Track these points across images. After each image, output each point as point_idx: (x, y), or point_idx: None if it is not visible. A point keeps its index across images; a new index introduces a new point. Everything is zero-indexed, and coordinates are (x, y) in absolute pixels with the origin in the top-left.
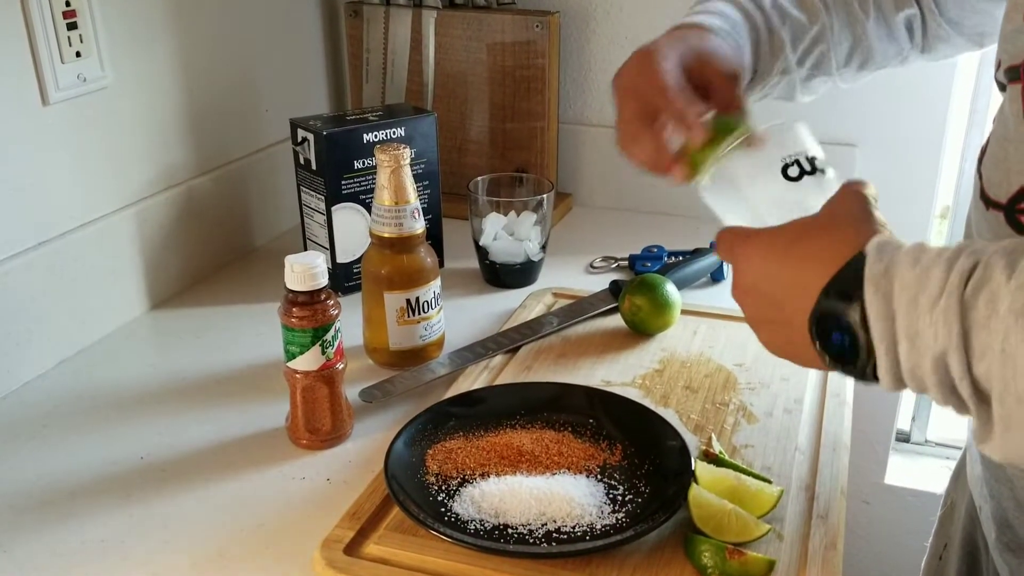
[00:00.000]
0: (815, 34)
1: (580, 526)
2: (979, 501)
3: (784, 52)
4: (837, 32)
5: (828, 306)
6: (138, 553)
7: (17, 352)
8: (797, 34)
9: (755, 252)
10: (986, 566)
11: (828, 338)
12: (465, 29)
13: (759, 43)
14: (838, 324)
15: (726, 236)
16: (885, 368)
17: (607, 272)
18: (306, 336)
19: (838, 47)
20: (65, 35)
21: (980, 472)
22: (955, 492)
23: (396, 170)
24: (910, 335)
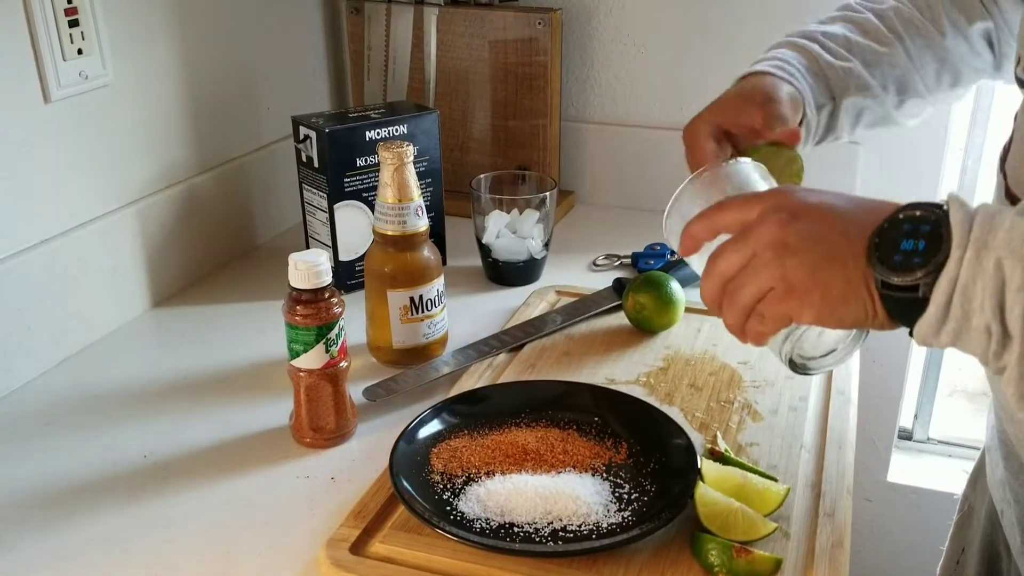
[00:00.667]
0: (889, 58)
1: (586, 525)
2: (1000, 505)
3: (855, 71)
4: (917, 56)
5: (908, 212)
6: (142, 552)
7: (19, 350)
8: (869, 59)
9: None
10: (1008, 571)
11: (893, 250)
12: (467, 26)
13: (823, 68)
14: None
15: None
16: (949, 277)
17: (610, 270)
18: (310, 334)
19: (923, 70)
20: (67, 32)
21: (1002, 476)
22: (973, 496)
23: (399, 168)
24: (978, 245)
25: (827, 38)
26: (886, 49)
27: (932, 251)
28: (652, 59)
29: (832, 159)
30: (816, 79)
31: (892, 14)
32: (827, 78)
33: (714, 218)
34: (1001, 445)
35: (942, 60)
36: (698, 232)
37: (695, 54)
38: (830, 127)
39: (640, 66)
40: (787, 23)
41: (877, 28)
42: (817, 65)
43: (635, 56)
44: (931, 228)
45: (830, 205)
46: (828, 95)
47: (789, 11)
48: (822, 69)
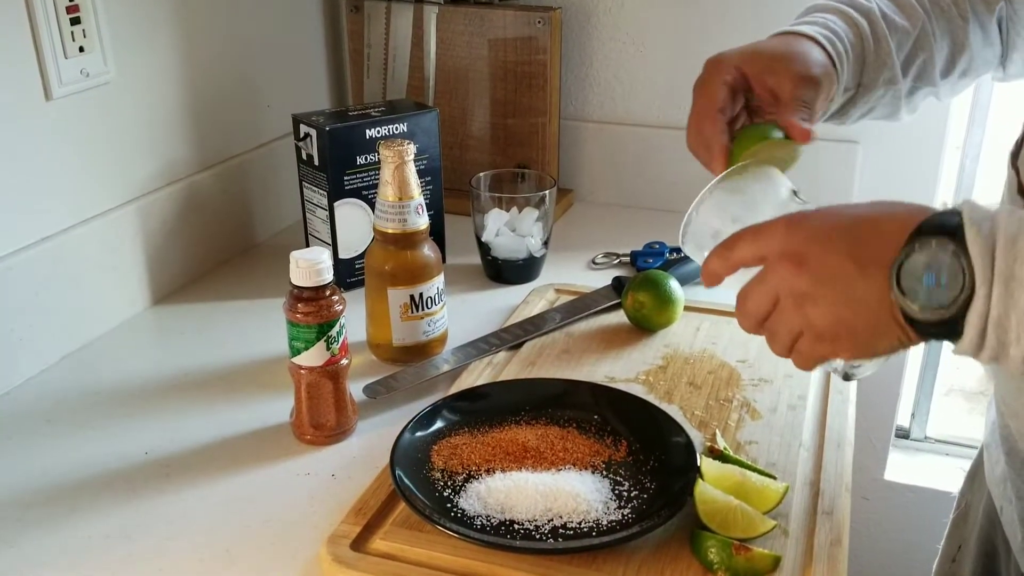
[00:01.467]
0: (916, 40)
1: (586, 522)
2: (1000, 502)
3: (891, 61)
4: (939, 38)
5: (923, 244)
6: (143, 549)
7: (20, 347)
8: (901, 42)
9: (809, 219)
10: (1006, 569)
11: (916, 281)
12: (467, 25)
13: (865, 53)
14: (933, 263)
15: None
16: (978, 313)
17: (609, 268)
18: (311, 332)
19: (939, 54)
20: (68, 30)
21: (1002, 473)
22: (970, 494)
23: (400, 166)
24: (1005, 277)
25: (877, 16)
26: (916, 32)
27: (954, 285)
28: (651, 58)
29: (830, 159)
30: (855, 62)
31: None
32: (864, 63)
33: (730, 257)
34: (1003, 441)
35: (960, 45)
36: (718, 270)
37: (694, 53)
38: (841, 112)
39: (639, 65)
40: (784, 21)
41: (910, 5)
42: (862, 47)
43: (634, 55)
44: (949, 260)
45: (837, 237)
46: (857, 80)
47: (786, 10)
48: (864, 53)
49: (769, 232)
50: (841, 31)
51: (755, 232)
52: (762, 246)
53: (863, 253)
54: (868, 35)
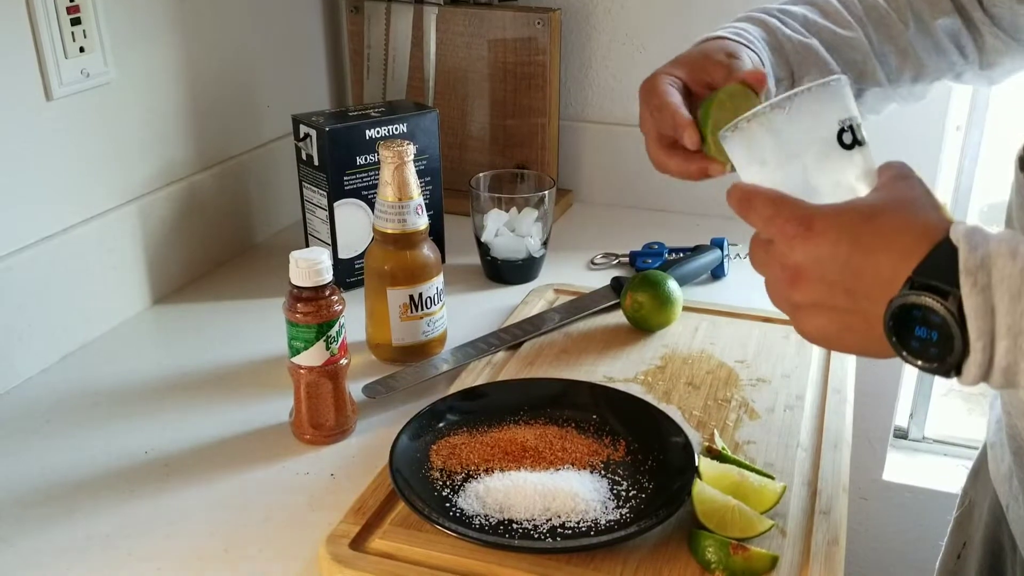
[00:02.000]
0: (850, 42)
1: (584, 521)
2: (1006, 499)
3: (815, 50)
4: (878, 44)
5: (914, 299)
6: (143, 548)
7: (20, 347)
8: (828, 40)
9: (817, 237)
10: (1012, 566)
11: (909, 332)
12: (467, 25)
13: (780, 43)
14: (926, 320)
15: (764, 207)
16: (977, 364)
17: (608, 268)
18: (310, 332)
19: (884, 59)
20: (69, 30)
21: (1008, 470)
22: (974, 491)
23: (400, 166)
24: (1013, 332)
25: (785, 15)
26: (847, 32)
27: (947, 343)
28: (651, 59)
29: None
30: (774, 52)
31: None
32: (785, 51)
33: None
34: (1010, 440)
35: (904, 52)
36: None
37: None
38: None
39: (639, 66)
40: None
41: (838, 11)
42: (775, 39)
43: (634, 56)
44: (940, 320)
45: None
46: (787, 69)
47: None
48: (780, 42)
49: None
50: (749, 29)
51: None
52: (769, 229)
53: (857, 288)
54: (778, 26)
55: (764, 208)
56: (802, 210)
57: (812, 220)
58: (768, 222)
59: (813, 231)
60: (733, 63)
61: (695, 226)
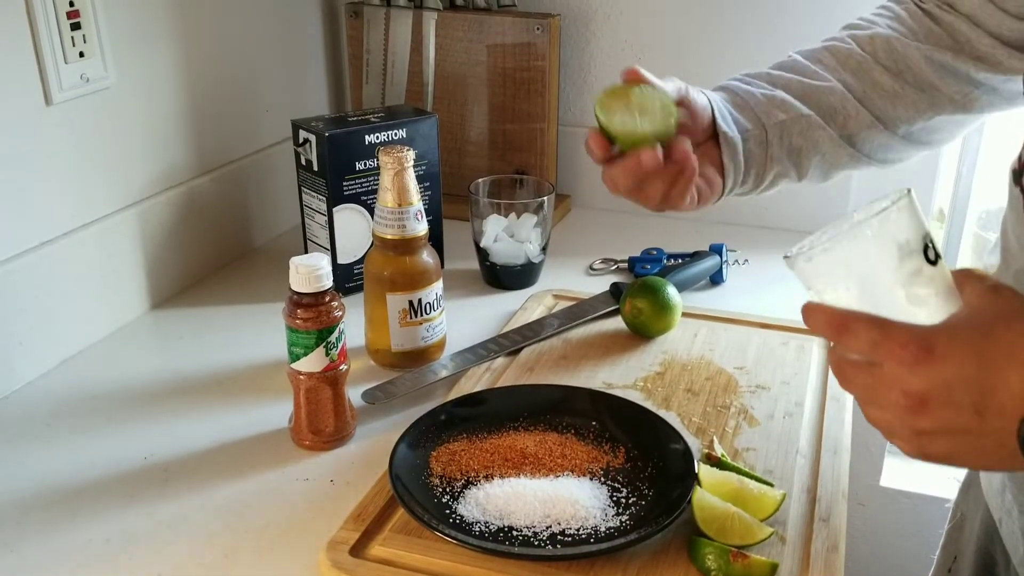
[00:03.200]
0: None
1: (584, 528)
2: (998, 514)
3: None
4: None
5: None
6: (143, 553)
7: (19, 351)
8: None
9: (941, 360)
10: None
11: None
12: (466, 31)
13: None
14: None
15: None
16: None
17: (607, 274)
18: (310, 338)
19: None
20: (69, 35)
21: (1000, 484)
22: (965, 504)
23: (400, 172)
24: None
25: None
26: (816, 81)
27: None
28: (649, 65)
29: None
30: (739, 109)
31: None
32: (750, 106)
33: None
34: None
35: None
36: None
37: (692, 61)
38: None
39: None
40: (783, 29)
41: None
42: (739, 98)
43: (633, 62)
44: None
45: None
46: (756, 121)
47: (785, 17)
48: (743, 100)
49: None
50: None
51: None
52: (876, 356)
53: (989, 406)
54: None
55: (869, 332)
56: (916, 333)
57: (932, 342)
58: (876, 347)
59: (935, 355)
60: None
61: (694, 232)
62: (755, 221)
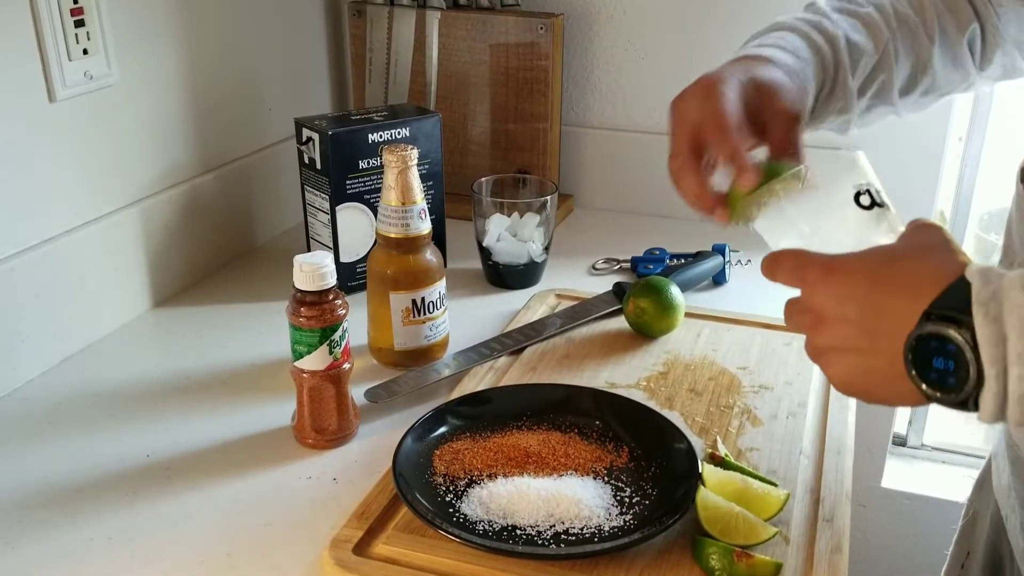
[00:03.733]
0: (877, 62)
1: (588, 528)
2: (1006, 511)
3: (846, 92)
4: (901, 59)
5: (931, 329)
6: (146, 552)
7: (22, 349)
8: (860, 64)
9: (837, 278)
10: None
11: (928, 365)
12: (469, 30)
13: (824, 83)
14: (942, 349)
15: (789, 260)
16: (992, 393)
17: (609, 274)
18: (314, 336)
19: (899, 74)
20: (72, 32)
21: (1008, 482)
22: (978, 502)
23: (403, 171)
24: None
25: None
26: (878, 54)
27: (963, 374)
28: (653, 65)
29: None
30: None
31: (891, 10)
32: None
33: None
34: (1008, 450)
35: (923, 65)
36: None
37: (696, 60)
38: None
39: (641, 71)
40: None
41: (876, 24)
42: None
43: (636, 61)
44: (955, 349)
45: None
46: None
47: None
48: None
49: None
50: (809, 61)
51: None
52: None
53: (877, 329)
54: (831, 64)
55: (788, 261)
56: (825, 258)
57: (833, 264)
58: (792, 273)
59: (833, 274)
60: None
61: (697, 232)
62: None
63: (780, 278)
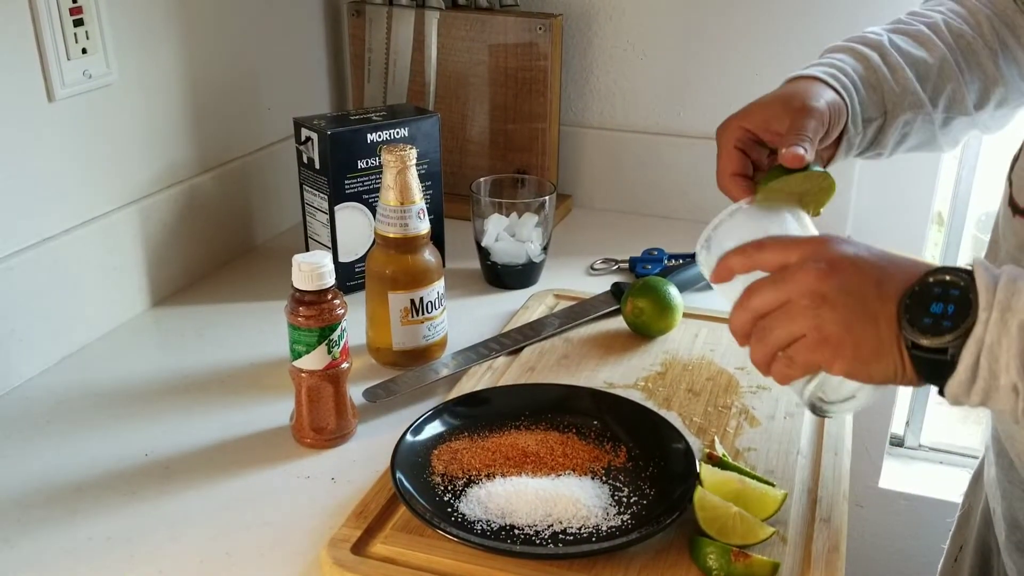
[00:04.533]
0: (940, 69)
1: (586, 527)
2: (993, 503)
3: (912, 86)
4: (967, 71)
5: (939, 276)
6: (144, 550)
7: (20, 348)
8: (922, 72)
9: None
10: (997, 568)
11: (924, 310)
12: (468, 30)
13: (880, 81)
14: (944, 294)
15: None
16: (976, 339)
17: (608, 274)
18: (312, 335)
19: (971, 85)
20: (72, 32)
21: (995, 474)
22: (972, 496)
23: (402, 171)
24: (1003, 308)
25: (888, 48)
26: (937, 62)
27: (961, 315)
28: (652, 65)
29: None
30: (870, 91)
31: (943, 26)
32: (883, 91)
33: (753, 255)
34: (994, 442)
35: (991, 77)
36: (735, 264)
37: (695, 61)
38: (875, 142)
39: (640, 72)
40: (786, 30)
41: (930, 39)
42: (875, 76)
43: (635, 62)
44: (959, 292)
45: (866, 260)
46: (881, 109)
47: (788, 18)
48: (879, 81)
49: (800, 244)
50: (848, 65)
51: (786, 241)
52: (790, 254)
53: (884, 278)
54: (879, 64)
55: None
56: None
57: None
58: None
59: (847, 240)
60: (799, 120)
61: (695, 232)
62: None
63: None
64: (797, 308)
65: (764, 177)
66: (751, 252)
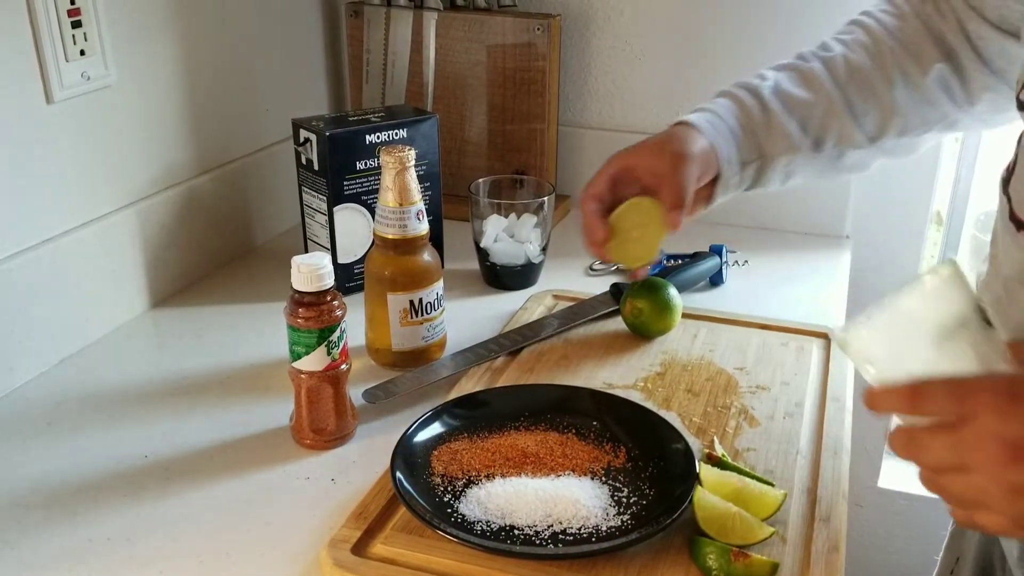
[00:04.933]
0: (825, 109)
1: (586, 528)
2: None
3: (785, 130)
4: (859, 105)
5: None
6: (144, 552)
7: (19, 349)
8: (804, 114)
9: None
10: None
11: None
12: (466, 31)
13: (753, 126)
14: None
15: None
16: None
17: (606, 275)
18: (312, 336)
19: (863, 119)
20: (70, 33)
21: None
22: None
23: (401, 172)
24: None
25: (767, 94)
26: (822, 101)
27: None
28: (650, 65)
29: None
30: (747, 135)
31: (841, 61)
32: (757, 136)
33: (917, 404)
34: None
35: (887, 110)
36: (897, 406)
37: (693, 61)
38: (758, 180)
39: (638, 72)
40: (782, 31)
41: (817, 79)
42: (750, 122)
43: (633, 62)
44: None
45: None
46: (757, 152)
47: (785, 19)
48: (754, 127)
49: (973, 398)
50: (727, 111)
51: (955, 390)
52: (963, 410)
53: None
54: (754, 109)
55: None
56: (1001, 378)
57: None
58: (962, 399)
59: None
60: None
61: (694, 233)
62: (755, 222)
63: (934, 409)
64: (986, 493)
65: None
66: (914, 398)
